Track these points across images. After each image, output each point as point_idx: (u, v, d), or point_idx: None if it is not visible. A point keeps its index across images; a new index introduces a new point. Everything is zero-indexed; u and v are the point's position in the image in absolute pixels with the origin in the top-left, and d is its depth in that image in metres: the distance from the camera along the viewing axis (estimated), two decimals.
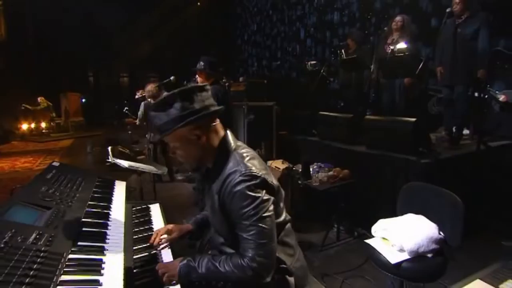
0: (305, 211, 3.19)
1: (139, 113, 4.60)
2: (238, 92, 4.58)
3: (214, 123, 1.16)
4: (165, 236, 1.42)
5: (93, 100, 11.82)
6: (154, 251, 1.38)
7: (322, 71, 4.64)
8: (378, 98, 4.15)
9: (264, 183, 1.07)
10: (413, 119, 2.73)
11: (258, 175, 1.06)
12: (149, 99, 4.56)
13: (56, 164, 1.73)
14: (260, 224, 1.03)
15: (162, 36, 11.20)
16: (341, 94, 5.17)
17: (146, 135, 4.38)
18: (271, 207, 1.07)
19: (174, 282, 1.13)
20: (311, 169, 3.00)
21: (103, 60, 11.49)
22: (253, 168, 1.07)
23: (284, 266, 1.16)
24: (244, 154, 1.12)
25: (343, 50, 4.54)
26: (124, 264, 1.06)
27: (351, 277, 2.35)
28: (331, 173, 2.92)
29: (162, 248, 1.37)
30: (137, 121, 4.70)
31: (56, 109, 10.38)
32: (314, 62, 5.16)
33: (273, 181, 1.13)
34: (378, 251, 1.60)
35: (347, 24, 6.12)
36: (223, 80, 3.30)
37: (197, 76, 3.17)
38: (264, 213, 1.03)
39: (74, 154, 7.40)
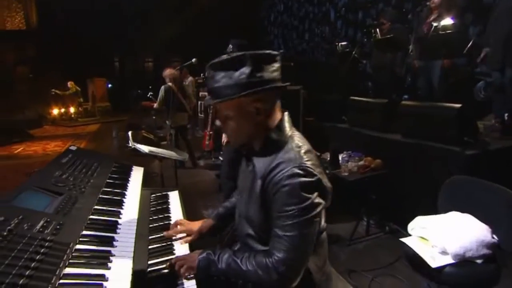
0: (332, 202, 3.05)
1: (159, 96, 4.60)
2: None
3: (277, 101, 1.04)
4: (184, 235, 1.35)
5: (118, 86, 12.15)
6: (170, 242, 1.34)
7: (353, 52, 4.36)
8: (415, 82, 3.84)
9: (319, 184, 0.96)
10: (458, 105, 2.47)
11: (315, 173, 0.94)
12: (169, 83, 4.54)
13: (73, 148, 1.72)
14: (302, 228, 0.92)
15: (187, 20, 11.16)
16: (374, 78, 4.86)
17: (167, 121, 4.37)
18: (319, 213, 0.96)
19: (190, 276, 1.07)
20: (340, 158, 2.85)
21: (128, 45, 11.70)
22: (309, 163, 0.95)
23: (310, 276, 1.06)
24: (300, 144, 1.01)
25: (377, 29, 4.22)
26: (134, 257, 0.99)
27: (381, 275, 2.21)
28: (361, 162, 2.76)
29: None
30: (155, 105, 4.71)
31: (83, 94, 10.78)
32: (345, 43, 4.87)
33: (327, 182, 1.00)
34: (415, 252, 1.44)
35: (381, 1, 5.71)
36: None
37: None
38: (310, 217, 0.93)
39: (100, 139, 7.66)
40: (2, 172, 5.12)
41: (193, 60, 3.24)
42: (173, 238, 1.33)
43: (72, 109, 10.42)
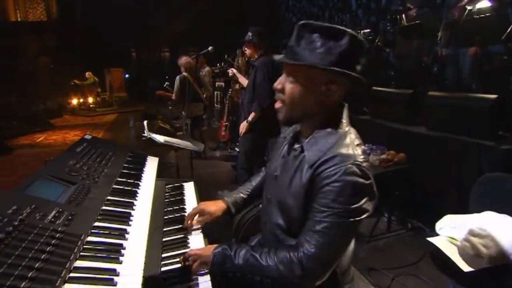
0: None
1: (175, 87, 4.60)
2: (279, 66, 4.33)
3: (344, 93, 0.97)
4: (197, 217, 1.34)
5: (135, 76, 12.30)
6: (184, 235, 1.31)
7: (376, 41, 4.18)
8: (443, 72, 3.63)
9: (371, 189, 0.90)
10: (493, 96, 2.30)
11: (370, 176, 0.88)
12: (185, 73, 4.51)
13: (88, 137, 1.71)
14: (342, 230, 0.87)
15: (203, 9, 11.09)
16: (397, 67, 4.66)
17: (183, 112, 4.37)
18: (362, 220, 0.89)
19: (204, 271, 1.03)
20: None
21: (145, 35, 11.78)
22: (366, 165, 0.89)
23: (335, 277, 1.01)
24: (358, 142, 0.94)
25: (403, 15, 4.01)
26: (147, 251, 0.96)
27: (402, 274, 2.13)
28: (384, 156, 2.66)
29: (194, 230, 1.29)
30: (173, 96, 4.71)
31: (101, 84, 10.98)
32: (368, 30, 4.67)
33: (376, 190, 0.93)
34: (443, 253, 1.35)
35: None
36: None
37: (245, 48, 3.08)
38: (353, 221, 0.86)
39: (117, 129, 7.80)
40: (25, 160, 5.31)
41: (210, 48, 3.17)
42: (188, 223, 1.31)
43: (90, 99, 10.65)
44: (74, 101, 10.62)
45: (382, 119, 3.34)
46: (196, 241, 1.28)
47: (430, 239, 1.47)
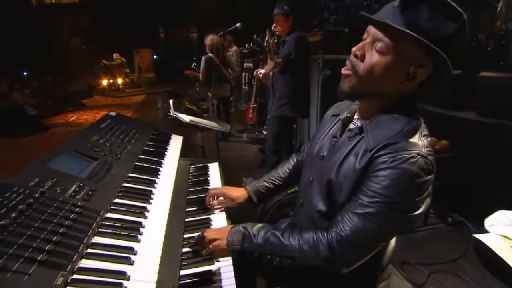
0: None
1: (201, 68, 4.59)
2: (312, 44, 4.14)
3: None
4: (221, 199, 1.33)
5: (163, 56, 12.48)
6: (207, 216, 1.29)
7: None
8: (501, 49, 3.28)
9: (429, 185, 0.80)
10: None
11: (433, 172, 0.79)
12: (210, 54, 4.47)
13: (112, 113, 1.71)
14: (388, 221, 0.79)
15: None
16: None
17: (209, 93, 4.36)
18: (414, 220, 0.80)
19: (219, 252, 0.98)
20: None
21: (173, 16, 11.83)
22: (431, 158, 0.79)
23: (372, 271, 0.95)
24: (426, 132, 0.85)
25: None
26: (167, 230, 0.94)
27: (440, 272, 2.00)
28: None
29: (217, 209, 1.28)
30: (200, 76, 4.72)
31: (130, 65, 11.26)
32: None
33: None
34: (494, 253, 1.23)
35: None
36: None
37: (275, 25, 2.97)
38: (403, 216, 0.79)
39: (145, 109, 8.01)
40: (59, 138, 5.61)
41: (238, 25, 3.07)
42: (214, 207, 1.30)
43: (119, 80, 10.98)
44: (104, 82, 11.01)
45: (423, 103, 3.10)
46: (220, 223, 1.26)
47: (478, 236, 1.34)
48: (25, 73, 8.66)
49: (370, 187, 0.80)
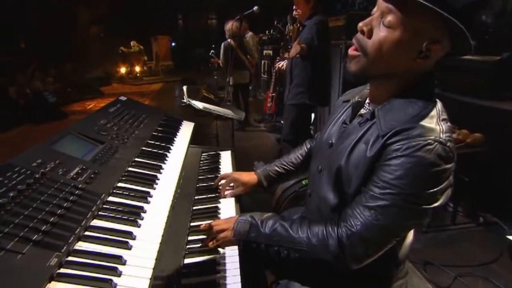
0: None
1: (221, 55, 4.59)
2: (335, 28, 4.01)
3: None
4: (232, 185, 1.35)
5: (181, 44, 12.57)
6: (215, 205, 1.28)
7: None
8: None
9: (450, 174, 0.75)
10: None
11: (453, 158, 0.75)
12: (229, 40, 4.45)
13: (122, 98, 1.72)
14: (402, 215, 0.75)
15: None
16: (486, 28, 4.01)
17: (227, 79, 4.36)
18: (430, 212, 0.76)
19: (226, 242, 0.98)
20: None
21: (192, 2, 11.85)
22: (452, 145, 0.74)
23: (389, 271, 0.91)
24: (445, 117, 0.80)
25: None
26: (168, 216, 0.93)
27: (468, 275, 1.92)
28: (454, 135, 2.35)
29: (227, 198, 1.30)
30: (221, 64, 4.73)
31: (148, 53, 11.42)
32: None
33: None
34: None
35: None
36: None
37: (295, 8, 2.90)
38: (419, 210, 0.74)
39: (162, 98, 8.13)
40: None
41: (255, 8, 3.01)
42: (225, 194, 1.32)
43: (137, 68, 11.18)
44: (122, 70, 11.24)
45: (454, 92, 2.96)
46: (229, 212, 1.25)
47: None
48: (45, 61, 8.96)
49: (382, 177, 0.75)
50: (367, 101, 0.93)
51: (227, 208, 1.28)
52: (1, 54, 7.83)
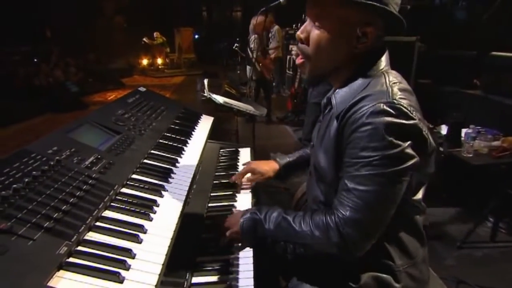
0: (442, 189, 2.67)
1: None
2: None
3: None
4: (249, 175, 1.37)
5: (205, 36, 12.70)
6: (231, 203, 1.28)
7: None
8: None
9: (415, 130, 0.79)
10: None
11: (411, 115, 0.78)
12: (254, 34, 4.46)
13: (142, 89, 1.76)
14: (381, 184, 0.77)
15: None
16: None
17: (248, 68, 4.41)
18: (409, 171, 0.79)
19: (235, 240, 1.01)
20: (463, 134, 2.44)
21: None
22: (405, 102, 0.78)
23: (389, 263, 0.89)
24: (396, 80, 0.85)
25: None
26: (182, 211, 0.94)
27: None
28: (496, 143, 2.32)
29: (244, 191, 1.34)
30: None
31: (170, 44, 11.61)
32: None
33: (430, 136, 0.83)
34: None
35: None
36: None
37: None
38: (394, 171, 0.77)
39: (184, 91, 8.26)
40: None
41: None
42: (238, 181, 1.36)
43: (159, 60, 11.40)
44: (144, 61, 11.50)
45: (500, 95, 2.84)
46: (243, 206, 1.24)
47: None
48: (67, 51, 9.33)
49: (350, 156, 0.81)
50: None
51: (244, 207, 1.27)
52: (27, 44, 8.23)
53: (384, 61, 0.89)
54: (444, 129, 2.67)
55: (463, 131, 2.43)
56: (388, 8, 0.80)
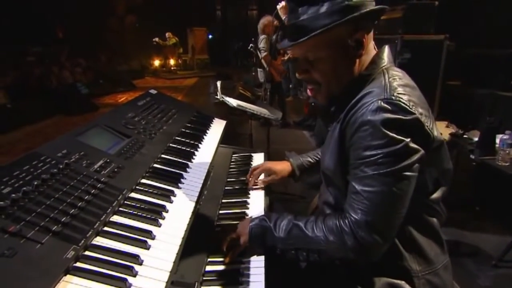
0: (475, 201, 2.60)
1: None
2: (390, 21, 3.89)
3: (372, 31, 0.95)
4: (262, 177, 1.41)
5: (219, 36, 12.84)
6: (243, 210, 1.29)
7: None
8: None
9: (416, 124, 0.81)
10: None
11: (410, 110, 0.80)
12: (264, 35, 4.51)
13: (153, 91, 1.81)
14: (388, 182, 0.79)
15: None
16: None
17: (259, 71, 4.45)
18: (416, 165, 0.81)
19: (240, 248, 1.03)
20: (497, 140, 2.38)
21: None
22: (405, 98, 0.81)
23: (406, 268, 0.89)
24: (396, 76, 0.89)
25: None
26: (191, 218, 0.96)
27: None
28: None
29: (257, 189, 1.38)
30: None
31: (183, 45, 11.80)
32: None
33: (434, 128, 0.86)
34: None
35: None
36: None
37: None
38: (400, 168, 0.79)
39: (196, 94, 8.38)
40: None
41: None
42: (251, 182, 1.40)
43: (171, 61, 11.61)
44: (156, 62, 11.73)
45: None
46: (255, 211, 1.25)
47: None
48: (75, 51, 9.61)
49: (354, 157, 0.84)
50: None
51: (257, 214, 1.28)
52: (39, 45, 8.54)
53: (385, 58, 0.93)
54: (475, 135, 2.62)
55: (498, 137, 2.37)
56: (365, 9, 0.85)
